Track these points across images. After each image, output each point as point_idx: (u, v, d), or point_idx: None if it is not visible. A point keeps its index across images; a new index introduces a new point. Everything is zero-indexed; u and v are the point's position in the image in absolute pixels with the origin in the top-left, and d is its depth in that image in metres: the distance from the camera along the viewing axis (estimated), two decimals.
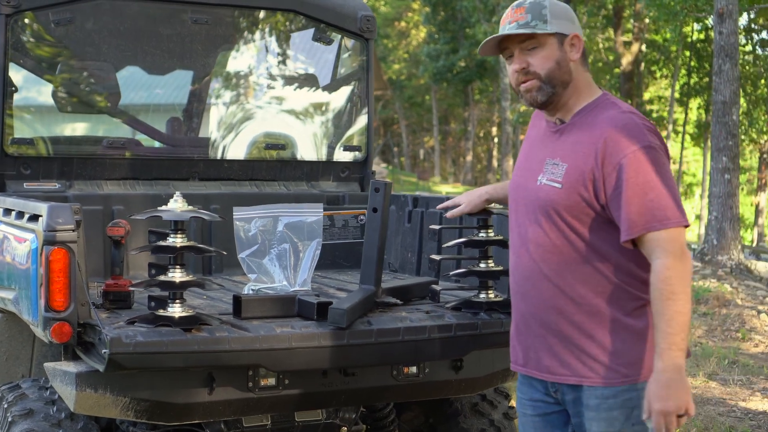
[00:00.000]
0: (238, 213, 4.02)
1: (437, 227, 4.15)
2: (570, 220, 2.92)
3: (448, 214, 3.73)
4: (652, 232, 2.80)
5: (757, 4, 20.97)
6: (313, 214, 4.10)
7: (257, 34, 5.48)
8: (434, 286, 4.24)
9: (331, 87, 5.71)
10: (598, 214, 2.89)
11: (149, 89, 5.81)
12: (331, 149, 5.62)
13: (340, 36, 5.58)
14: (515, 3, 3.03)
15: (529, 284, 3.02)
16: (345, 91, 5.70)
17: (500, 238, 3.93)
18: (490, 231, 3.90)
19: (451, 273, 4.06)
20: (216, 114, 5.38)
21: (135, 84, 5.73)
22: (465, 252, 4.18)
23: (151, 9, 5.12)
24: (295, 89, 5.60)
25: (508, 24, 2.99)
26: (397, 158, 51.71)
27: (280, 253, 4.05)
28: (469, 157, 44.95)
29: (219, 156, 5.34)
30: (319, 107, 5.68)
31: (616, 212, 2.85)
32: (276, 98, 5.56)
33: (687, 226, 2.83)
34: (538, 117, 3.20)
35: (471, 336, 3.82)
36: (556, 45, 2.98)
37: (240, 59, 5.48)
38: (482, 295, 3.92)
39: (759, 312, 11.17)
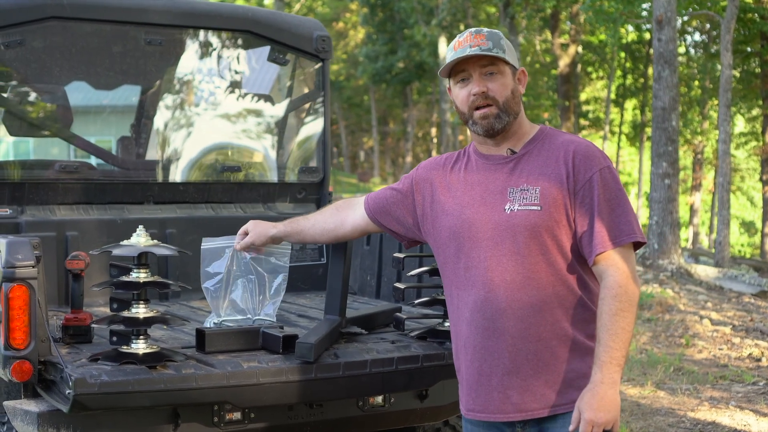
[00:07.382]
0: (206, 243, 3.93)
1: (401, 255, 4.13)
2: (550, 241, 2.95)
3: (237, 246, 3.73)
4: (617, 247, 2.90)
5: (694, 10, 21.29)
6: (280, 255, 4.00)
7: (212, 55, 5.40)
8: (398, 314, 4.22)
9: (287, 108, 5.66)
10: (573, 233, 2.96)
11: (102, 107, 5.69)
12: (287, 170, 5.57)
13: (295, 56, 5.53)
14: (473, 29, 3.07)
15: (506, 317, 2.97)
16: (301, 112, 5.65)
17: None
18: None
19: (415, 302, 4.05)
20: (171, 136, 5.30)
21: (85, 101, 5.61)
22: (430, 280, 4.17)
23: (104, 30, 5.02)
24: (250, 110, 5.54)
25: (468, 47, 3.00)
26: (336, 159, 51.65)
27: (245, 284, 3.97)
28: (408, 158, 45.03)
29: (173, 179, 5.25)
30: (274, 128, 5.62)
31: (584, 228, 2.93)
32: (232, 120, 5.48)
33: (645, 243, 2.99)
34: (451, 160, 3.22)
35: (438, 366, 3.80)
36: (511, 75, 3.07)
37: (195, 80, 5.40)
38: (447, 324, 3.91)
39: (702, 318, 11.34)
